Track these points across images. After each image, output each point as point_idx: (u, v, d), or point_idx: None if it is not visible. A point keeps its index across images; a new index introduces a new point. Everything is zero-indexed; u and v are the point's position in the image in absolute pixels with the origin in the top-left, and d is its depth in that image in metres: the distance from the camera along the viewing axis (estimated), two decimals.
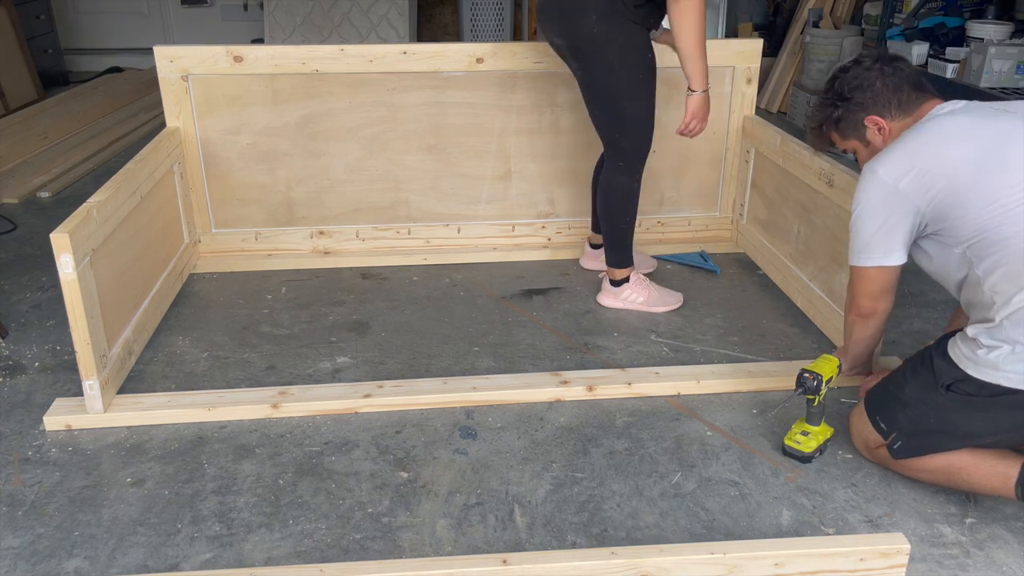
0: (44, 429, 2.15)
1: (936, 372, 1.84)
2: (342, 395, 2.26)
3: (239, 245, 3.11)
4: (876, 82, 1.90)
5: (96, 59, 6.44)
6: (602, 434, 2.14)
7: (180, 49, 2.88)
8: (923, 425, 1.86)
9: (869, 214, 1.84)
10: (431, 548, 1.77)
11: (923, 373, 1.87)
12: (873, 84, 1.90)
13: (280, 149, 3.02)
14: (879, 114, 1.90)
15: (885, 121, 1.90)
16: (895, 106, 1.89)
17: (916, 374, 1.90)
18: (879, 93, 1.90)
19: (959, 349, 1.81)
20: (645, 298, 2.73)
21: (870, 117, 1.91)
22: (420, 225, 3.17)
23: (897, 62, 1.92)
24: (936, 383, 1.83)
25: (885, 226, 1.83)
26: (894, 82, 1.89)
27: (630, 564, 1.58)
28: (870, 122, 1.92)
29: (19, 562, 1.73)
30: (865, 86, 1.90)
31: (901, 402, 1.90)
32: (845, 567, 1.61)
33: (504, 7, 6.24)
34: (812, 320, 2.69)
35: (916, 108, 1.88)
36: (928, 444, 1.87)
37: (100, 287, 2.18)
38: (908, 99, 1.88)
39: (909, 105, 1.88)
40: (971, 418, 1.80)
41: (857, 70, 1.93)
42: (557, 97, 3.05)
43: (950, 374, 1.81)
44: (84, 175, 4.09)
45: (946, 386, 1.81)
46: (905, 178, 1.77)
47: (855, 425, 2.04)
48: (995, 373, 1.73)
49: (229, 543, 1.78)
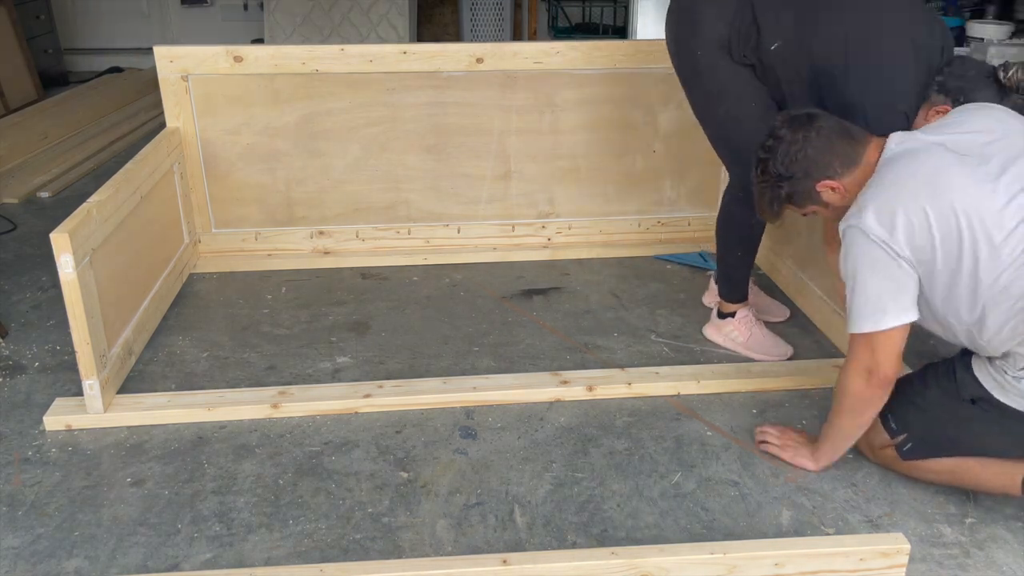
0: (44, 429, 2.15)
1: (960, 384, 1.80)
2: (342, 395, 2.26)
3: (239, 245, 3.11)
4: (807, 150, 1.81)
5: (96, 59, 6.43)
6: (602, 434, 2.14)
7: (180, 49, 2.88)
8: (939, 432, 1.85)
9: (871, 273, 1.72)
10: (431, 548, 1.77)
11: (946, 383, 1.84)
12: (806, 154, 1.82)
13: (280, 149, 3.02)
14: (828, 177, 1.82)
15: (836, 181, 1.82)
16: (837, 164, 1.81)
17: (938, 383, 1.86)
18: (816, 159, 1.81)
19: (986, 370, 1.77)
20: (746, 339, 2.51)
21: (820, 183, 1.83)
22: (420, 225, 3.17)
23: (813, 120, 1.84)
24: (959, 395, 1.80)
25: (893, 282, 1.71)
26: (823, 143, 1.81)
27: (630, 564, 1.58)
28: (822, 187, 1.84)
29: (19, 562, 1.73)
30: (799, 158, 1.82)
31: (918, 406, 1.88)
32: (845, 567, 1.61)
33: (504, 7, 6.23)
34: (812, 320, 2.69)
35: (860, 157, 1.81)
36: (940, 449, 1.86)
37: (100, 287, 2.18)
38: (846, 152, 1.81)
39: (850, 157, 1.81)
40: (992, 434, 1.79)
41: (783, 147, 1.83)
42: (557, 97, 3.05)
43: (975, 390, 1.78)
44: (84, 175, 4.08)
45: (971, 400, 1.79)
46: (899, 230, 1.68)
47: None
48: (1021, 400, 1.71)
49: (229, 543, 1.78)
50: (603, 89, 3.04)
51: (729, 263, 2.49)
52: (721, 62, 2.19)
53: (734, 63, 2.18)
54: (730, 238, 2.46)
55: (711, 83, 2.24)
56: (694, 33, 2.21)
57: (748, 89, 2.21)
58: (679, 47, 2.28)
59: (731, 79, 2.21)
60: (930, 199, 1.65)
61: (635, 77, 3.04)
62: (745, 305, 2.54)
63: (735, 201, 2.38)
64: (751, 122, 2.19)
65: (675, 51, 2.31)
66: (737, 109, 2.23)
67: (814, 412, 2.23)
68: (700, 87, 2.28)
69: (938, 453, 1.87)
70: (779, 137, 1.85)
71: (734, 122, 2.26)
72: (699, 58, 2.22)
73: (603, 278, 3.01)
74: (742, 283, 2.52)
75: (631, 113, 3.09)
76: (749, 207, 2.28)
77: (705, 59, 2.21)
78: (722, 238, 2.49)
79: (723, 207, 2.46)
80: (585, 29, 6.55)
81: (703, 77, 2.25)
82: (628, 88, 3.05)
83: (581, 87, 3.03)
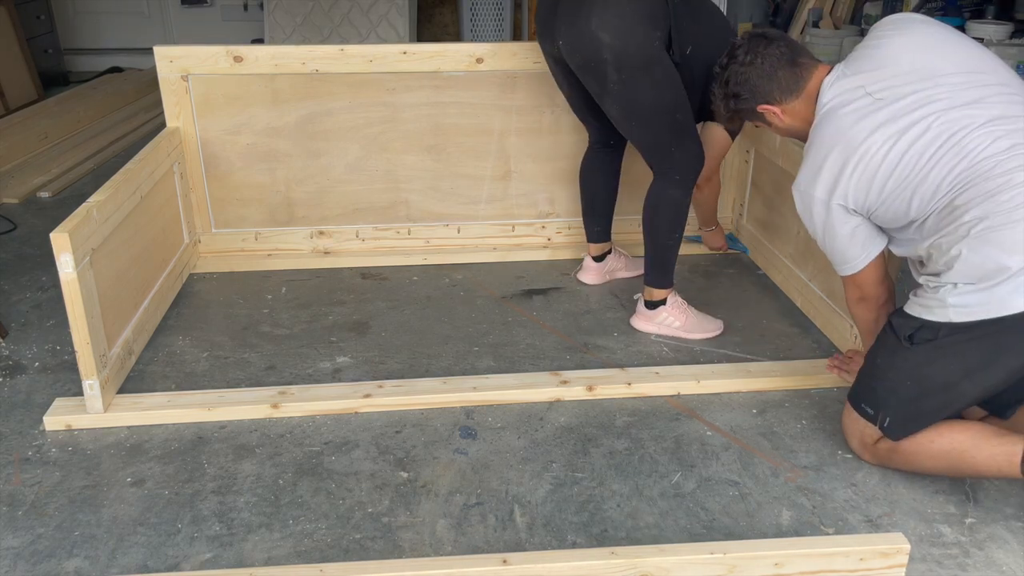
0: (44, 429, 2.15)
1: (896, 329, 1.88)
2: (342, 395, 2.26)
3: (239, 245, 3.11)
4: (751, 75, 1.99)
5: (96, 59, 6.43)
6: (602, 434, 2.14)
7: (180, 49, 2.88)
8: (903, 391, 1.88)
9: (828, 231, 1.96)
10: (431, 548, 1.77)
11: (886, 338, 1.93)
12: (749, 78, 2.00)
13: (280, 149, 3.02)
14: (767, 102, 2.01)
15: (775, 107, 2.01)
16: (777, 92, 1.99)
17: (881, 342, 1.96)
18: (758, 85, 2.00)
19: (910, 301, 1.88)
20: (682, 323, 2.57)
21: (761, 107, 2.02)
22: (420, 225, 3.17)
23: (768, 45, 1.99)
24: (899, 339, 1.87)
25: (850, 233, 1.94)
26: (767, 69, 1.98)
27: (630, 564, 1.58)
28: (763, 110, 2.03)
29: (19, 562, 1.73)
30: (742, 81, 2.00)
31: (876, 376, 1.94)
32: (845, 567, 1.61)
33: (504, 7, 6.23)
34: (812, 320, 2.69)
35: (801, 88, 1.98)
36: (916, 411, 1.88)
37: (100, 287, 2.18)
38: (787, 82, 1.98)
39: (790, 87, 1.98)
40: (940, 366, 1.82)
41: (734, 67, 2.02)
42: (557, 97, 3.04)
43: (908, 325, 1.85)
44: (84, 175, 4.08)
45: (908, 337, 1.85)
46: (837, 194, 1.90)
47: (847, 426, 2.04)
48: (944, 310, 1.78)
49: (229, 543, 1.78)
50: None
51: (668, 248, 2.55)
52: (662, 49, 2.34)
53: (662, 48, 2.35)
54: (671, 223, 2.52)
55: (658, 71, 2.33)
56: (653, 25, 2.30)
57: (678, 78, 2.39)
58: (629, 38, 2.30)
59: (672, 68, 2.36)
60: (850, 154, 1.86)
61: None
62: (673, 290, 2.60)
63: (674, 185, 2.48)
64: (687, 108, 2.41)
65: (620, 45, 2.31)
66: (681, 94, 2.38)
67: (814, 412, 2.23)
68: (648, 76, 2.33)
69: (917, 418, 1.88)
70: (733, 56, 2.03)
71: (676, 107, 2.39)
72: (656, 48, 2.31)
73: None
74: (672, 267, 2.59)
75: None
76: (686, 188, 2.49)
77: (660, 49, 2.33)
78: (663, 225, 2.53)
79: (659, 195, 2.51)
80: None
81: (653, 66, 2.32)
82: None
83: None
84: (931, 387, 1.85)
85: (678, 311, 2.58)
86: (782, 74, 1.98)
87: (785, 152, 2.80)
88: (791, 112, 2.01)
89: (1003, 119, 1.77)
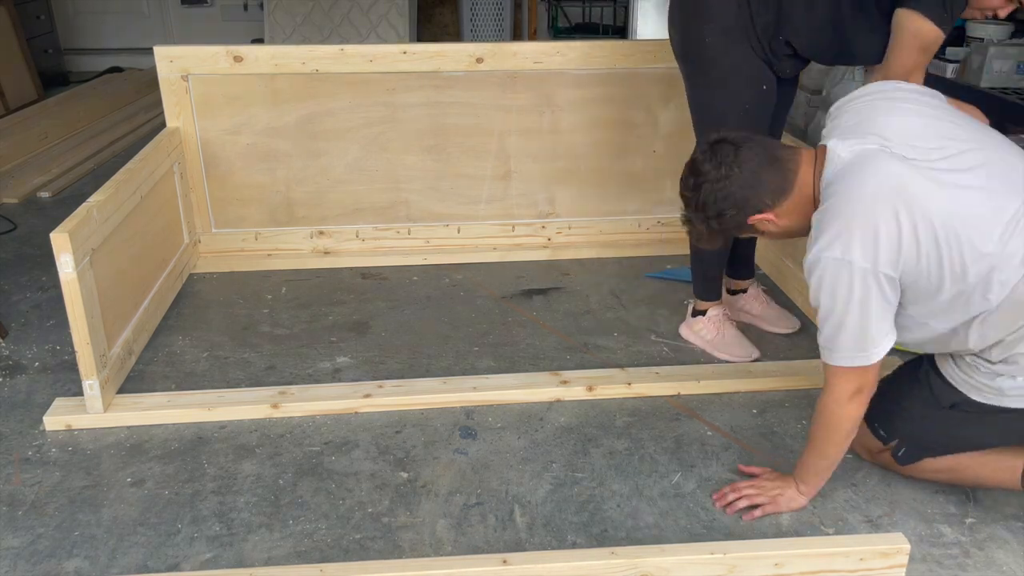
0: (44, 429, 2.15)
1: (936, 394, 1.79)
2: (342, 395, 2.26)
3: (239, 245, 3.11)
4: (732, 190, 1.70)
5: (96, 59, 6.43)
6: (602, 434, 2.14)
7: (180, 49, 2.88)
8: (927, 436, 1.85)
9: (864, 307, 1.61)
10: (431, 548, 1.77)
11: (922, 392, 1.83)
12: (731, 193, 1.70)
13: (280, 149, 3.02)
14: (758, 212, 1.72)
15: (768, 213, 1.72)
16: (768, 197, 1.70)
17: (915, 391, 1.85)
18: (744, 198, 1.70)
19: (956, 374, 1.76)
20: (713, 337, 2.50)
21: (751, 218, 1.73)
22: (420, 225, 3.17)
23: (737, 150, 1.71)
24: (939, 404, 1.79)
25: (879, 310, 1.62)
26: (749, 178, 1.69)
27: (630, 564, 1.58)
28: (755, 221, 1.73)
29: (19, 562, 1.73)
30: (724, 198, 1.70)
31: (902, 414, 1.87)
32: (845, 567, 1.61)
33: (504, 7, 6.23)
34: (812, 320, 2.69)
35: (792, 183, 1.70)
36: (932, 450, 1.86)
37: (100, 287, 2.18)
38: (775, 183, 1.70)
39: (781, 187, 1.70)
40: (977, 430, 1.78)
41: (707, 187, 1.72)
42: (557, 97, 3.05)
43: (952, 396, 1.77)
44: (84, 175, 4.08)
45: (950, 406, 1.78)
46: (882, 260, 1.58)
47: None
48: (1000, 398, 1.70)
49: (229, 543, 1.78)
50: (603, 89, 3.04)
51: (704, 261, 2.49)
52: (730, 51, 2.17)
53: (746, 53, 2.16)
54: None
55: (715, 74, 2.21)
56: (705, 18, 2.17)
57: (749, 87, 2.20)
58: (686, 34, 2.24)
59: (738, 71, 2.19)
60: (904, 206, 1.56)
61: (635, 77, 3.04)
62: (718, 304, 2.55)
63: None
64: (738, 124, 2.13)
65: (680, 39, 2.27)
66: (734, 106, 2.21)
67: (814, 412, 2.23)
68: (703, 77, 2.25)
69: (932, 453, 1.86)
70: (702, 173, 1.73)
71: (723, 118, 2.20)
72: (707, 46, 2.18)
73: (603, 278, 3.01)
74: (715, 282, 2.53)
75: (631, 113, 3.09)
76: None
77: (713, 47, 2.17)
78: None
79: None
80: (585, 29, 6.55)
81: (708, 67, 2.22)
82: (628, 88, 3.05)
83: (581, 87, 3.03)
84: (958, 441, 1.81)
85: (713, 326, 2.52)
86: (767, 177, 1.70)
87: None
88: (787, 213, 1.72)
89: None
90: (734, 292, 2.70)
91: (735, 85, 2.21)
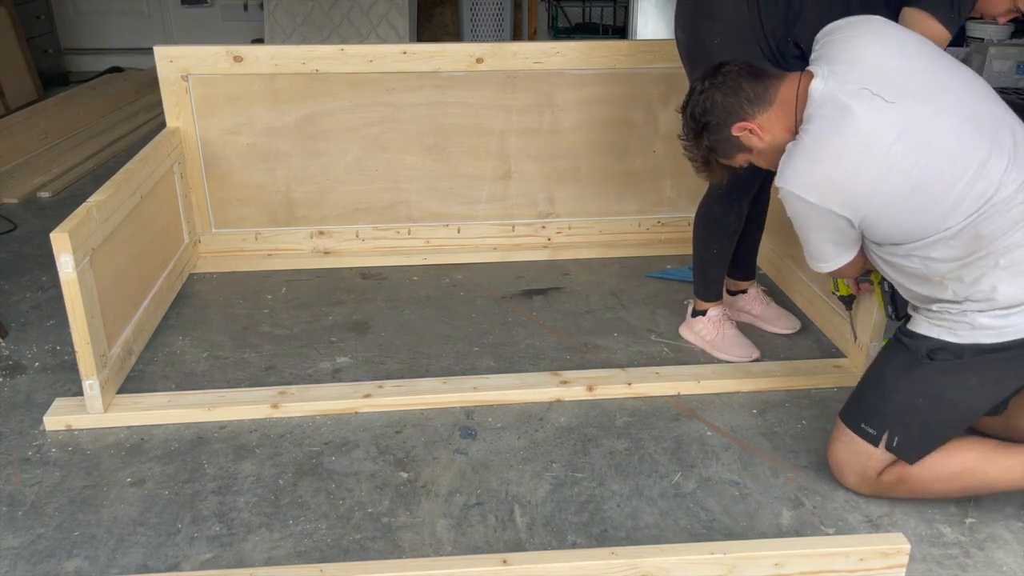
0: (44, 429, 2.15)
1: (912, 349, 1.81)
2: (342, 395, 2.26)
3: (239, 245, 3.11)
4: (715, 96, 1.84)
5: (96, 59, 6.43)
6: (602, 434, 2.14)
7: (180, 49, 2.88)
8: (915, 408, 1.80)
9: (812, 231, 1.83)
10: (431, 548, 1.77)
11: (898, 355, 1.85)
12: (715, 100, 1.84)
13: (280, 149, 3.02)
14: (740, 120, 1.83)
15: (749, 122, 1.83)
16: (747, 105, 1.82)
17: (891, 358, 1.87)
18: (724, 104, 1.83)
19: (928, 323, 1.80)
20: (713, 338, 2.51)
21: (735, 126, 1.84)
22: (420, 225, 3.17)
23: (721, 69, 1.86)
24: (916, 356, 1.80)
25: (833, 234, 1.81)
26: (731, 86, 1.83)
27: (630, 564, 1.57)
28: (738, 131, 1.84)
29: (19, 562, 1.73)
30: (709, 106, 1.85)
31: (883, 394, 1.84)
32: (845, 567, 1.61)
33: (504, 7, 6.23)
34: (812, 320, 2.69)
35: (772, 96, 1.81)
36: (927, 429, 1.81)
37: (100, 287, 2.18)
38: (755, 92, 1.82)
39: (760, 96, 1.82)
40: (960, 384, 1.77)
41: (696, 98, 1.88)
42: (557, 97, 3.05)
43: (927, 344, 1.79)
44: (84, 175, 4.08)
45: (927, 355, 1.78)
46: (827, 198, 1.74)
47: (842, 460, 1.91)
48: (972, 332, 1.73)
49: (229, 543, 1.78)
50: (603, 89, 3.04)
51: (706, 260, 2.49)
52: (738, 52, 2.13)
53: (753, 54, 2.14)
54: (707, 235, 2.46)
55: None
56: (713, 19, 2.18)
57: None
58: (695, 35, 2.23)
59: None
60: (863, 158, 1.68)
61: (635, 77, 3.04)
62: (719, 304, 2.54)
63: (715, 198, 2.39)
64: None
65: (687, 40, 2.27)
66: None
67: (814, 412, 2.23)
68: None
69: (930, 438, 1.81)
70: (691, 92, 1.90)
71: None
72: (715, 47, 2.17)
73: (603, 278, 3.01)
74: (716, 282, 2.52)
75: (631, 113, 3.09)
76: (727, 205, 2.36)
77: (721, 49, 2.16)
78: (699, 235, 2.48)
79: (702, 204, 2.45)
80: (585, 29, 6.56)
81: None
82: (628, 88, 3.05)
83: (581, 87, 3.03)
84: (948, 406, 1.79)
85: (713, 326, 2.52)
86: (747, 84, 1.82)
87: None
88: (770, 124, 1.82)
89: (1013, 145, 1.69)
90: (734, 293, 2.70)
91: None
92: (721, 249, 2.46)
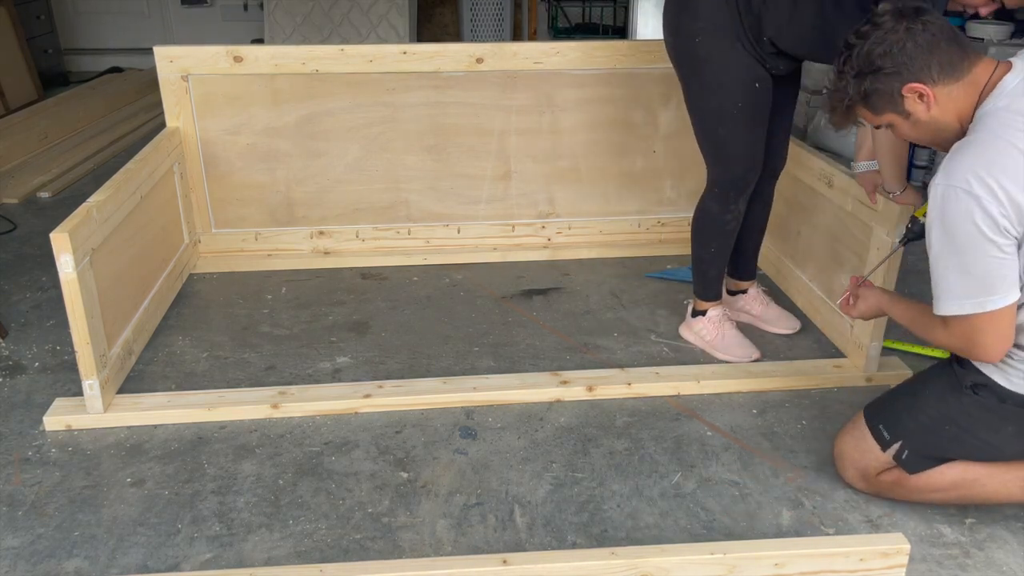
0: (44, 429, 2.15)
1: (959, 374, 1.75)
2: (342, 395, 2.26)
3: (239, 245, 3.11)
4: (906, 44, 1.59)
5: (96, 59, 6.43)
6: (602, 434, 2.14)
7: (180, 49, 2.88)
8: (940, 432, 1.77)
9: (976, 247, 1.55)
10: (431, 548, 1.77)
11: (942, 376, 1.79)
12: (904, 47, 1.59)
13: (280, 149, 3.02)
14: (919, 80, 1.60)
15: (927, 87, 1.60)
16: (936, 69, 1.59)
17: (935, 377, 1.81)
18: (913, 56, 1.59)
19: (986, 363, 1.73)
20: (712, 338, 2.50)
21: (909, 85, 1.61)
22: (420, 225, 3.17)
23: (923, 16, 1.60)
24: (960, 384, 1.74)
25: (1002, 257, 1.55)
26: (927, 40, 1.58)
27: (630, 564, 1.58)
28: (909, 91, 1.61)
29: (19, 562, 1.73)
30: (894, 51, 1.59)
31: (914, 406, 1.80)
32: (845, 567, 1.61)
33: (504, 7, 6.24)
34: (812, 320, 2.69)
35: (964, 70, 1.60)
36: (942, 455, 1.79)
37: (100, 287, 2.18)
38: (950, 58, 1.59)
39: (953, 66, 1.59)
40: (994, 427, 1.73)
41: (879, 34, 1.61)
42: (557, 97, 3.05)
43: (974, 377, 1.73)
44: (84, 175, 4.08)
45: (971, 387, 1.73)
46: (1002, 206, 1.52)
47: (847, 453, 1.91)
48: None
49: (229, 543, 1.78)
50: (603, 89, 3.04)
51: (704, 260, 2.49)
52: (721, 50, 2.17)
53: (736, 51, 2.16)
54: (705, 234, 2.45)
55: (707, 73, 2.22)
56: (695, 18, 2.18)
57: (742, 85, 2.20)
58: (677, 35, 2.25)
59: (728, 69, 2.19)
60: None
61: (635, 77, 3.04)
62: (718, 304, 2.54)
63: (712, 198, 2.38)
64: (734, 123, 2.23)
65: (673, 41, 2.28)
66: (727, 104, 2.22)
67: (814, 412, 2.23)
68: (696, 77, 2.25)
69: (936, 455, 1.80)
70: (877, 24, 1.62)
71: (719, 118, 2.24)
72: (697, 45, 2.19)
73: (603, 278, 3.01)
74: (715, 281, 2.52)
75: (631, 113, 3.09)
76: (725, 204, 2.35)
77: (704, 47, 2.18)
78: (697, 235, 2.48)
79: (700, 204, 2.44)
80: (585, 29, 6.56)
81: (700, 67, 2.22)
82: (628, 88, 3.05)
83: (581, 87, 3.03)
84: (971, 439, 1.75)
85: (713, 326, 2.51)
86: (944, 49, 1.58)
87: None
88: (945, 99, 1.61)
89: None
90: (734, 293, 2.70)
91: (729, 84, 2.20)
92: (719, 248, 2.45)
